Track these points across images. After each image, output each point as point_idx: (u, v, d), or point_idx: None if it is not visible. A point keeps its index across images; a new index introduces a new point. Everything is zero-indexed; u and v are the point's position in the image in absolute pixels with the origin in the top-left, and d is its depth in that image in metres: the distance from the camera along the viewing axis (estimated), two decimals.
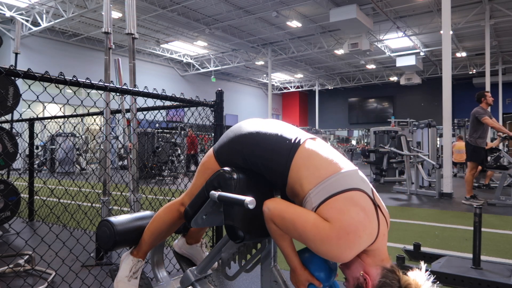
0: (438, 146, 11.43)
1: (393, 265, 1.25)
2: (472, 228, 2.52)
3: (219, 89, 2.87)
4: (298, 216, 1.23)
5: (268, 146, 1.37)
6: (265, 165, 1.37)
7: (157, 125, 11.77)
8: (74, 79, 1.77)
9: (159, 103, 2.50)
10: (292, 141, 1.36)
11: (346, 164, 1.32)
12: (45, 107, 2.32)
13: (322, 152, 1.34)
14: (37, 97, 1.71)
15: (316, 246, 1.20)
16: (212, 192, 1.32)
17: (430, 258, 2.82)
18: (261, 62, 21.02)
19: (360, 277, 1.23)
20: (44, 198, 4.60)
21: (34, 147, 10.09)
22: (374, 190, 1.32)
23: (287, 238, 1.29)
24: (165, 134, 11.62)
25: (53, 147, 12.34)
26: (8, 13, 13.75)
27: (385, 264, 1.24)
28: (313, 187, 1.26)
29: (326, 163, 1.30)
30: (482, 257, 2.55)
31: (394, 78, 24.73)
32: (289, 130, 1.42)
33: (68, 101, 1.97)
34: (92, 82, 1.87)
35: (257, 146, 1.38)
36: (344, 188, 1.23)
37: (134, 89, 2.19)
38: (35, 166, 11.78)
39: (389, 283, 1.19)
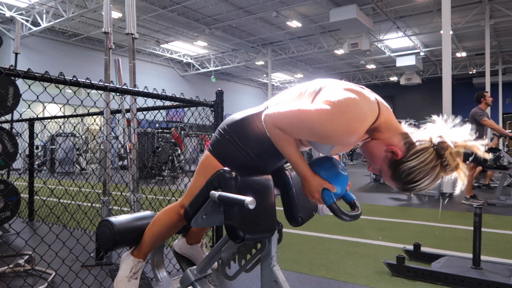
0: None
1: (409, 128, 1.27)
2: (472, 228, 2.52)
3: (219, 89, 2.87)
4: (298, 108, 1.23)
5: (246, 123, 1.42)
6: (259, 145, 1.40)
7: (157, 125, 11.77)
8: (74, 79, 1.77)
9: (159, 103, 2.50)
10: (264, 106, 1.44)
11: None
12: (45, 107, 2.32)
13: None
14: (37, 97, 1.71)
15: (325, 129, 1.18)
16: (212, 192, 1.32)
17: (430, 258, 2.82)
18: (261, 62, 21.02)
19: (387, 153, 1.23)
20: (44, 198, 4.60)
21: (34, 147, 10.09)
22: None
23: (292, 142, 1.29)
24: (165, 134, 11.62)
25: (53, 147, 12.34)
26: (8, 13, 13.75)
27: (401, 130, 1.25)
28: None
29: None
30: (482, 257, 2.55)
31: (394, 78, 24.73)
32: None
33: (68, 101, 1.97)
34: (92, 82, 1.87)
35: (239, 125, 1.43)
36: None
37: (134, 89, 2.19)
38: (35, 166, 11.78)
39: (417, 140, 1.20)
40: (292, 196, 1.52)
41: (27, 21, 14.44)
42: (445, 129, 1.21)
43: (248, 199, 1.18)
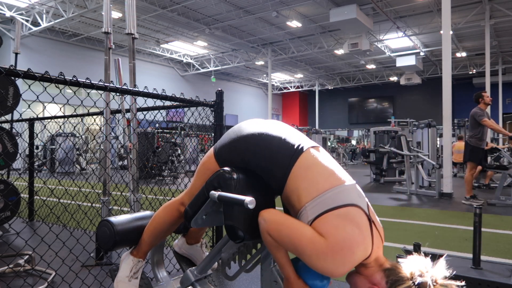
0: (438, 146, 11.43)
1: (391, 263, 1.27)
2: (472, 228, 2.52)
3: (219, 89, 2.87)
4: (295, 230, 1.23)
5: (269, 150, 1.36)
6: (265, 168, 1.37)
7: (157, 125, 11.77)
8: (74, 79, 1.77)
9: (159, 103, 2.50)
10: (295, 147, 1.36)
11: (345, 177, 1.33)
12: (45, 107, 2.32)
13: (323, 162, 1.34)
14: (37, 97, 1.71)
15: (311, 261, 1.20)
16: (212, 192, 1.32)
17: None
18: (261, 62, 21.03)
19: None
20: (44, 198, 4.60)
21: (34, 147, 10.09)
22: (369, 204, 1.33)
23: (282, 249, 1.29)
24: (165, 134, 11.61)
25: (53, 147, 12.34)
26: (8, 13, 13.76)
27: (385, 266, 1.25)
28: (310, 200, 1.26)
29: (325, 175, 1.30)
30: (482, 257, 2.54)
31: (394, 78, 24.73)
32: (292, 135, 1.41)
33: (68, 101, 1.97)
34: (92, 82, 1.87)
35: (258, 148, 1.38)
36: (341, 204, 1.23)
37: (134, 89, 2.19)
38: (35, 166, 11.78)
39: (398, 279, 1.20)
40: None
41: (27, 21, 14.44)
42: (426, 265, 1.21)
43: (248, 199, 1.18)
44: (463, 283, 1.19)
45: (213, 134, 2.84)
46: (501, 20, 14.33)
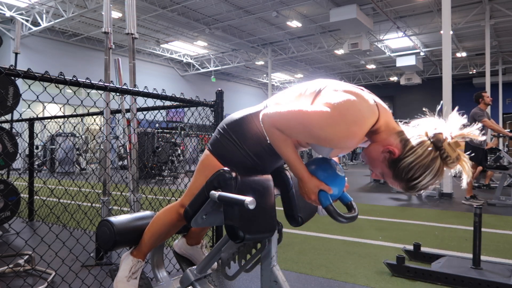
0: None
1: (405, 126, 1.26)
2: (472, 228, 2.52)
3: (219, 89, 2.87)
4: (298, 109, 1.23)
5: (251, 125, 1.42)
6: (255, 140, 1.41)
7: (157, 125, 11.77)
8: (74, 79, 1.77)
9: (159, 103, 2.50)
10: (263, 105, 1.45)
11: None
12: (45, 107, 2.32)
13: None
14: (37, 97, 1.71)
15: (324, 132, 1.18)
16: (212, 192, 1.32)
17: (430, 258, 2.82)
18: (261, 62, 21.03)
19: (384, 153, 1.22)
20: (44, 198, 4.60)
21: (34, 147, 10.09)
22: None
23: (290, 143, 1.28)
24: (165, 134, 11.61)
25: (53, 147, 12.34)
26: (8, 13, 13.76)
27: (398, 129, 1.25)
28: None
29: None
30: (482, 257, 2.54)
31: (394, 78, 24.73)
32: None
33: (68, 101, 1.97)
34: (92, 82, 1.87)
35: (241, 128, 1.43)
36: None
37: (134, 89, 2.19)
38: (35, 166, 11.78)
39: (412, 137, 1.20)
40: (292, 196, 1.52)
41: (27, 21, 14.44)
42: (440, 122, 1.20)
43: (248, 199, 1.18)
44: (479, 127, 1.16)
45: (212, 134, 2.84)
46: (501, 20, 14.33)
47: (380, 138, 1.24)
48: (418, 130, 1.21)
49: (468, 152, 1.19)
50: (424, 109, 1.30)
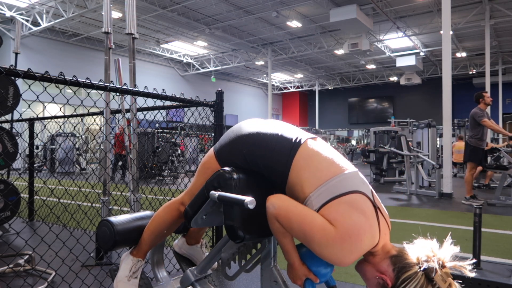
0: (438, 146, 11.44)
1: (398, 249, 1.27)
2: (472, 228, 2.52)
3: (219, 89, 2.87)
4: (305, 217, 1.22)
5: (268, 146, 1.37)
6: (266, 165, 1.37)
7: (157, 125, 11.77)
8: (74, 79, 1.77)
9: (159, 103, 2.50)
10: (293, 140, 1.36)
11: (346, 165, 1.32)
12: (45, 107, 2.32)
13: (323, 153, 1.34)
14: (37, 97, 1.71)
15: (320, 249, 1.20)
16: (212, 192, 1.32)
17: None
18: (261, 62, 21.03)
19: (378, 279, 1.25)
20: (44, 198, 4.60)
21: (34, 147, 10.09)
22: (373, 191, 1.33)
23: (288, 235, 1.29)
24: (165, 134, 11.62)
25: (53, 147, 12.34)
26: (8, 13, 13.75)
27: (391, 253, 1.25)
28: (314, 189, 1.26)
29: (327, 164, 1.30)
30: (482, 257, 2.55)
31: (394, 78, 24.73)
32: (290, 130, 1.42)
33: (68, 101, 1.97)
34: (92, 82, 1.87)
35: (257, 146, 1.38)
36: (346, 191, 1.23)
37: (134, 89, 2.19)
38: (35, 166, 11.78)
39: (404, 266, 1.20)
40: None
41: (27, 21, 14.44)
42: (433, 249, 1.21)
43: (248, 199, 1.18)
44: (472, 262, 1.19)
45: (213, 134, 2.84)
46: (501, 20, 14.33)
47: (375, 261, 1.26)
48: (410, 258, 1.22)
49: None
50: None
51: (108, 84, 2.01)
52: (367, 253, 1.25)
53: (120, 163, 9.73)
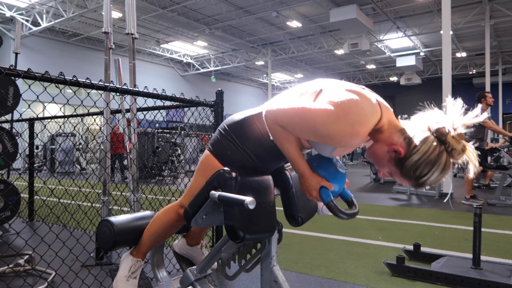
0: None
1: (406, 121, 1.27)
2: (472, 228, 2.52)
3: (219, 89, 2.87)
4: (301, 106, 1.22)
5: (252, 126, 1.41)
6: (257, 142, 1.40)
7: (157, 125, 11.77)
8: (74, 79, 1.77)
9: (159, 103, 2.50)
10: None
11: None
12: (45, 107, 2.32)
13: None
14: (37, 97, 1.71)
15: (327, 130, 1.18)
16: (212, 192, 1.32)
17: (430, 258, 2.82)
18: (261, 62, 21.02)
19: (390, 153, 1.23)
20: (44, 198, 4.60)
21: (34, 147, 10.09)
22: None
23: (292, 140, 1.28)
24: (165, 134, 11.62)
25: (53, 147, 12.34)
26: (8, 13, 13.76)
27: (400, 126, 1.25)
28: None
29: None
30: (482, 257, 2.54)
31: (394, 78, 24.73)
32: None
33: (68, 101, 1.97)
34: (92, 82, 1.87)
35: (243, 130, 1.42)
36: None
37: (134, 89, 2.19)
38: (35, 166, 11.78)
39: (416, 134, 1.20)
40: (292, 196, 1.52)
41: (27, 21, 14.44)
42: (441, 115, 1.20)
43: (248, 199, 1.18)
44: (479, 112, 1.17)
45: (213, 134, 2.84)
46: (501, 20, 14.33)
47: (384, 137, 1.24)
48: (421, 125, 1.21)
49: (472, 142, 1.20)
50: (421, 104, 1.30)
51: (108, 84, 2.01)
52: (374, 132, 1.24)
53: (116, 164, 9.74)
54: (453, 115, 1.18)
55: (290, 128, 1.24)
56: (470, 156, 1.17)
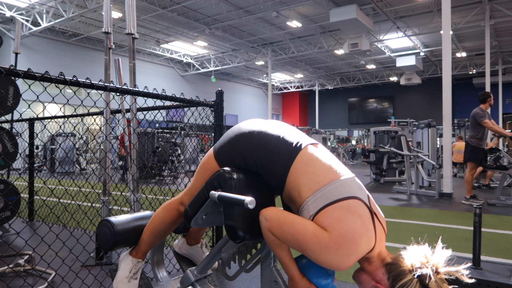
0: (438, 146, 11.43)
1: (393, 256, 1.27)
2: (472, 228, 2.52)
3: (219, 89, 2.87)
4: (297, 226, 1.23)
5: (268, 148, 1.37)
6: (264, 167, 1.37)
7: (157, 125, 11.77)
8: (74, 79, 1.77)
9: (159, 103, 2.50)
10: (294, 144, 1.36)
11: (344, 171, 1.33)
12: (45, 107, 2.32)
13: (322, 159, 1.34)
14: (37, 97, 1.71)
15: (315, 256, 1.20)
16: (212, 192, 1.32)
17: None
18: (261, 62, 21.02)
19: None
20: (44, 198, 4.60)
21: (34, 147, 10.09)
22: (370, 196, 1.33)
23: (285, 247, 1.29)
24: (165, 134, 11.61)
25: (53, 147, 12.34)
26: (8, 13, 13.75)
27: (386, 260, 1.26)
28: (311, 194, 1.26)
29: (325, 170, 1.31)
30: (482, 257, 2.54)
31: (394, 78, 24.73)
32: (291, 133, 1.42)
33: (68, 101, 1.97)
34: (92, 82, 1.87)
35: (257, 147, 1.38)
36: (342, 197, 1.24)
37: (134, 89, 2.19)
38: (35, 166, 11.78)
39: (399, 274, 1.20)
40: None
41: (27, 21, 14.44)
42: (426, 255, 1.20)
43: (247, 199, 1.18)
44: (467, 266, 1.18)
45: (213, 134, 2.84)
46: (501, 20, 14.33)
47: (370, 269, 1.27)
48: (406, 262, 1.22)
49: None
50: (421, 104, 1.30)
51: (108, 84, 2.01)
52: (363, 260, 1.25)
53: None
54: (438, 259, 1.19)
55: (282, 240, 1.26)
56: None
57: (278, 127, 1.44)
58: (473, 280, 1.17)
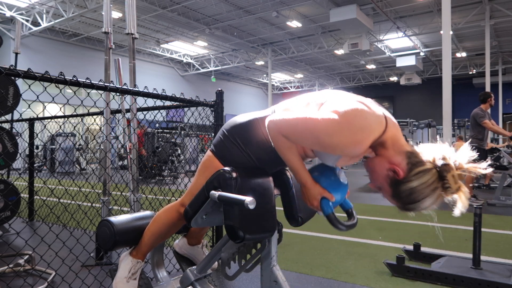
0: None
1: (413, 147, 1.26)
2: (472, 228, 2.52)
3: (219, 89, 2.87)
4: (305, 116, 1.23)
5: (257, 130, 1.40)
6: (258, 144, 1.40)
7: (157, 125, 11.76)
8: (74, 79, 1.77)
9: (159, 103, 2.50)
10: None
11: None
12: (45, 107, 2.32)
13: None
14: (37, 97, 1.71)
15: (331, 139, 1.18)
16: (212, 192, 1.32)
17: (430, 258, 2.82)
18: (261, 62, 21.02)
19: (389, 171, 1.22)
20: (44, 198, 4.60)
21: (34, 147, 10.08)
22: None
23: (295, 150, 1.28)
24: (165, 134, 11.61)
25: (53, 147, 12.34)
26: (8, 13, 13.76)
27: (406, 148, 1.24)
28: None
29: None
30: (482, 257, 2.55)
31: (394, 78, 24.73)
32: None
33: (68, 101, 1.97)
34: (92, 82, 1.87)
35: (246, 133, 1.41)
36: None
37: (134, 89, 2.19)
38: (35, 166, 11.78)
39: (420, 161, 1.20)
40: (292, 196, 1.52)
41: (27, 21, 14.44)
42: (449, 151, 1.21)
43: (248, 199, 1.18)
44: (487, 164, 1.17)
45: (213, 134, 2.84)
46: (501, 20, 14.33)
47: (387, 153, 1.24)
48: (427, 155, 1.21)
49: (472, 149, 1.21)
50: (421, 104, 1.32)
51: (108, 84, 2.01)
52: (377, 145, 1.23)
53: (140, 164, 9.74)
54: (461, 156, 1.19)
55: (293, 138, 1.25)
56: (462, 197, 1.18)
57: (264, 110, 1.50)
58: (490, 170, 1.17)
